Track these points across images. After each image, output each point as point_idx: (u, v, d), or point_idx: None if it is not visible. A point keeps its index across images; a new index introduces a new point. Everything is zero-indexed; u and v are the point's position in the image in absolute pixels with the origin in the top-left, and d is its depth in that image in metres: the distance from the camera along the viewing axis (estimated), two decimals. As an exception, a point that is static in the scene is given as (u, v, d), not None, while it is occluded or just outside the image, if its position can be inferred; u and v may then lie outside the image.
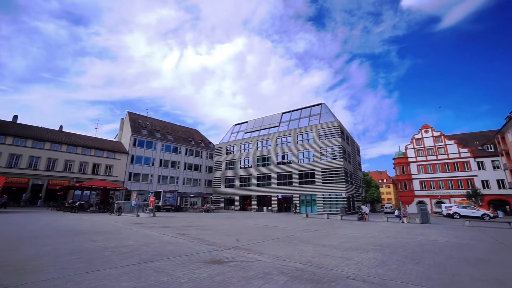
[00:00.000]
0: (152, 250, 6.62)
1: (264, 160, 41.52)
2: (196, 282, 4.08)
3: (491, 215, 25.97)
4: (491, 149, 44.24)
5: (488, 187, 42.87)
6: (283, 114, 44.27)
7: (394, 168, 54.17)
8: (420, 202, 47.66)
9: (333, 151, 34.29)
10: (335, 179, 32.99)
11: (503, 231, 14.59)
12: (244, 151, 45.14)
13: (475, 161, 44.94)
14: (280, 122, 43.11)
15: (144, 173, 43.21)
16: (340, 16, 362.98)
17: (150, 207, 21.41)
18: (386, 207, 46.14)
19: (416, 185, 49.50)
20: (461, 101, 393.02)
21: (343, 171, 32.93)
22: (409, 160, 51.26)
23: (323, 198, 33.42)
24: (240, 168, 44.60)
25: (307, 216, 26.10)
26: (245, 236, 10.34)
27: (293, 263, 5.65)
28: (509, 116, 35.34)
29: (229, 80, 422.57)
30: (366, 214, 21.01)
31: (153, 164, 44.72)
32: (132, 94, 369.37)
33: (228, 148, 48.00)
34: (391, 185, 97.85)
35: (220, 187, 46.52)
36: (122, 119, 50.47)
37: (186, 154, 50.73)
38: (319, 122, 37.34)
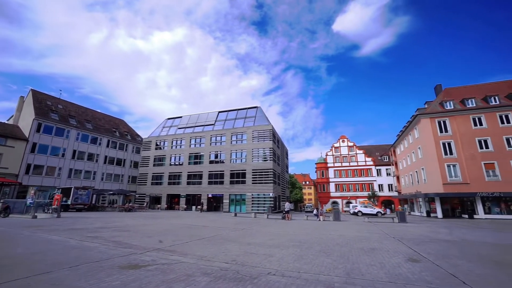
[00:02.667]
0: (50, 259, 5.64)
1: (196, 158, 40.44)
2: (105, 291, 3.72)
3: (382, 212, 32.06)
4: (387, 159, 54.55)
5: (382, 190, 52.80)
6: (219, 113, 44.12)
7: (315, 172, 60.81)
8: (334, 202, 54.90)
9: (265, 153, 36.10)
10: (264, 180, 34.78)
11: (389, 224, 18.20)
12: (176, 147, 42.96)
13: (375, 168, 54.67)
14: (215, 121, 42.79)
15: (50, 165, 36.14)
16: (281, 27, 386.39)
17: (54, 206, 18.15)
18: (307, 207, 51.25)
19: (332, 187, 56.81)
20: (371, 118, 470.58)
21: (272, 173, 35.02)
22: (328, 165, 58.46)
23: (252, 197, 34.77)
24: (170, 165, 42.21)
25: (235, 215, 26.73)
26: (170, 236, 9.93)
27: (217, 263, 5.75)
28: (398, 135, 44.37)
29: (165, 70, 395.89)
30: (288, 212, 22.87)
31: (63, 155, 37.87)
32: (40, 69, 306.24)
33: (158, 143, 44.80)
34: (312, 187, 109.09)
35: (146, 185, 42.93)
36: (22, 97, 41.04)
37: (108, 146, 44.88)
38: (254, 124, 38.74)
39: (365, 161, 55.82)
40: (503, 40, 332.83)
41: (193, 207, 37.27)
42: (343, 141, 59.31)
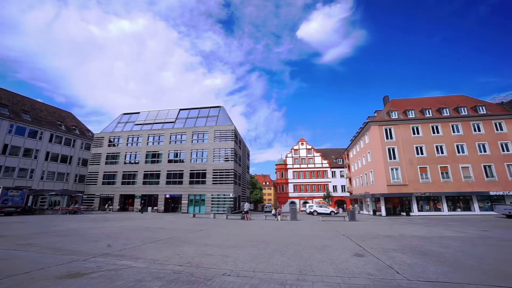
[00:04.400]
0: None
1: (154, 157, 38.42)
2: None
3: (336, 211, 34.39)
4: (341, 162, 58.68)
5: (336, 191, 56.61)
6: (181, 111, 42.66)
7: (275, 173, 62.51)
8: (292, 202, 56.82)
9: (226, 153, 35.96)
10: (225, 180, 34.61)
11: (341, 223, 19.60)
12: (132, 144, 40.23)
13: (330, 170, 58.40)
14: (176, 119, 41.25)
15: (-29, 161, 30.87)
16: (248, 28, 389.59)
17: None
18: (266, 207, 52.25)
19: (290, 188, 59.01)
20: (328, 122, 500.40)
21: (233, 173, 35.02)
22: (288, 167, 60.61)
23: (212, 198, 34.33)
24: (125, 163, 39.35)
25: (194, 216, 26.12)
26: (121, 240, 9.33)
27: (171, 266, 5.60)
28: (352, 140, 48.15)
29: (122, 62, 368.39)
30: (247, 213, 23.16)
31: (-10, 150, 32.65)
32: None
33: (112, 139, 41.42)
34: (272, 187, 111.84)
35: (96, 184, 39.27)
36: None
37: (50, 141, 39.99)
38: (216, 124, 38.32)
39: (322, 164, 59.26)
40: (443, 58, 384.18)
41: (149, 208, 35.36)
42: (302, 144, 62.09)
